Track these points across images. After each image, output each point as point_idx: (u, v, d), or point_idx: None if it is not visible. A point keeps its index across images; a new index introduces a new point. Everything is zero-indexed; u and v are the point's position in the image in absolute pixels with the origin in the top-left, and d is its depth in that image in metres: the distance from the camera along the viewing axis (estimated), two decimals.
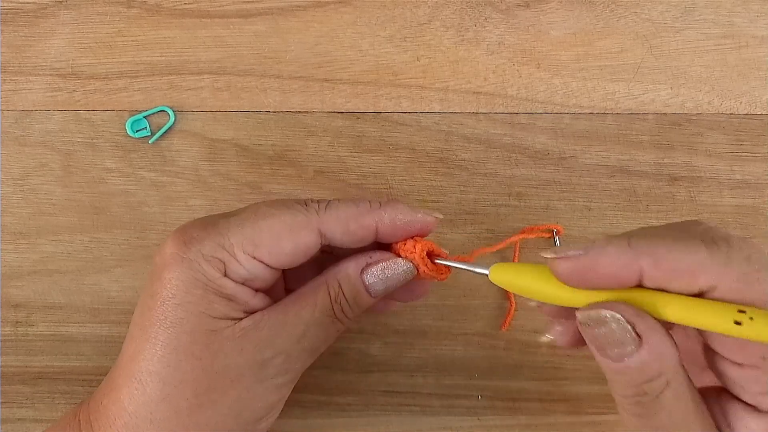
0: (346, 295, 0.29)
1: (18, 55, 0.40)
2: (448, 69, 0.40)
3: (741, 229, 0.38)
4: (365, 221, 0.29)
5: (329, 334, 0.29)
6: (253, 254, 0.27)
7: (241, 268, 0.27)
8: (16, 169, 0.39)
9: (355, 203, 0.29)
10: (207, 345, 0.26)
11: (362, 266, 0.29)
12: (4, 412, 0.37)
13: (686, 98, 0.39)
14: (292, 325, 0.28)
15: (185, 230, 0.28)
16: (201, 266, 0.27)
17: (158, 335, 0.27)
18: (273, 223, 0.28)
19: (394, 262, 0.29)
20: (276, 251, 0.27)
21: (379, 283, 0.29)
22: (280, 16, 0.40)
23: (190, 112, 0.39)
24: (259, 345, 0.27)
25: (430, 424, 0.37)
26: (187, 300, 0.27)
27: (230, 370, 0.27)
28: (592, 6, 0.40)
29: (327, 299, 0.28)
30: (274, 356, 0.27)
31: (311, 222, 0.28)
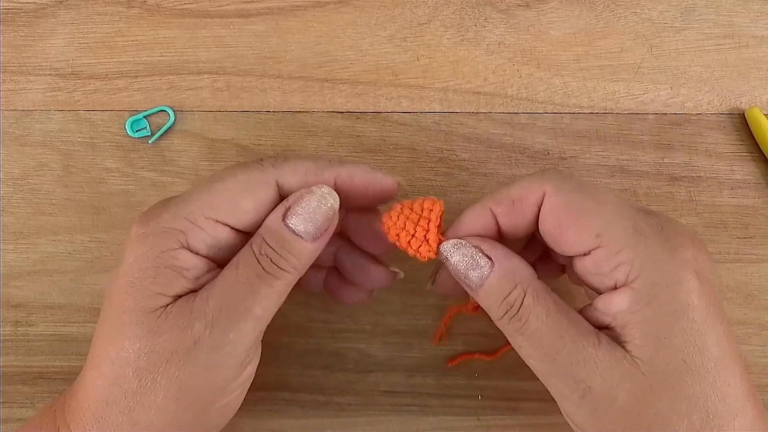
0: (271, 245, 0.27)
1: (18, 55, 0.40)
2: (448, 69, 0.40)
3: (741, 229, 0.38)
4: (323, 175, 0.28)
5: (262, 292, 0.27)
6: (214, 217, 0.27)
7: (204, 235, 0.27)
8: (16, 169, 0.39)
9: (313, 158, 0.29)
10: (146, 324, 0.26)
11: (282, 212, 0.27)
12: (4, 412, 0.37)
13: (686, 98, 0.39)
14: (215, 291, 0.26)
15: (148, 210, 0.28)
16: (157, 239, 0.26)
17: (108, 317, 0.27)
18: (229, 183, 0.27)
19: (310, 193, 0.27)
20: (236, 210, 0.27)
21: (305, 223, 0.27)
22: (280, 16, 0.40)
23: (190, 112, 0.39)
24: (186, 321, 0.26)
25: (430, 424, 0.37)
26: (135, 277, 0.26)
27: (162, 350, 0.26)
28: (592, 6, 0.40)
29: (250, 255, 0.27)
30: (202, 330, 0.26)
31: (267, 176, 0.28)
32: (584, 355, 0.25)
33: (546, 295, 0.27)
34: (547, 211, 0.26)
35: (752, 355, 0.37)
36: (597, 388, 0.25)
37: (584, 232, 0.26)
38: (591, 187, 0.27)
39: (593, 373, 0.25)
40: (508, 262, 0.27)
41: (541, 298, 0.26)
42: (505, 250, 0.28)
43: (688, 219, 0.38)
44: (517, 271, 0.27)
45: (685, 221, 0.38)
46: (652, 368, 0.24)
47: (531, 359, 0.27)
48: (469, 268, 0.27)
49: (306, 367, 0.37)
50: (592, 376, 0.25)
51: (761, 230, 0.38)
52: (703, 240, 0.27)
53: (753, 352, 0.37)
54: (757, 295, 0.38)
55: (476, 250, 0.27)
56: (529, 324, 0.26)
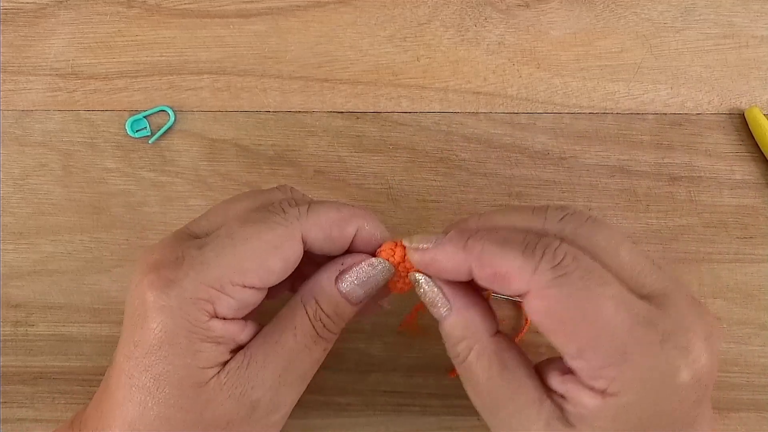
0: (326, 310, 0.27)
1: (18, 55, 0.40)
2: (448, 69, 0.40)
3: (741, 229, 0.38)
4: (347, 229, 0.28)
5: (316, 356, 0.28)
6: (242, 282, 0.26)
7: (231, 301, 0.26)
8: (16, 169, 0.39)
9: (336, 208, 0.28)
10: (195, 397, 0.25)
11: (335, 275, 0.28)
12: (4, 412, 0.37)
13: (686, 98, 0.39)
14: (275, 357, 0.26)
15: (160, 269, 0.26)
16: (185, 312, 0.25)
17: (146, 385, 0.25)
18: (255, 245, 0.26)
19: (369, 263, 0.28)
20: (265, 272, 0.26)
21: (358, 289, 0.28)
22: (280, 16, 0.40)
23: (190, 112, 0.39)
24: (246, 387, 0.26)
25: (430, 424, 0.37)
26: (172, 352, 0.25)
27: (219, 418, 0.26)
28: (592, 6, 0.40)
29: (306, 320, 0.27)
30: (262, 395, 0.26)
31: (294, 232, 0.26)
32: (517, 424, 0.25)
33: (493, 355, 0.26)
34: (532, 310, 0.25)
35: (752, 355, 0.37)
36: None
37: (567, 344, 0.24)
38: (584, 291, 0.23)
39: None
40: (465, 312, 0.27)
41: (485, 358, 0.26)
42: (466, 300, 0.27)
43: (688, 219, 0.38)
44: (471, 325, 0.27)
45: (685, 221, 0.38)
46: None
47: (475, 404, 0.27)
48: (431, 305, 0.27)
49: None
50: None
51: (761, 230, 0.38)
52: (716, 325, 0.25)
53: (753, 352, 0.37)
54: (757, 295, 0.38)
55: (439, 291, 0.27)
56: (472, 377, 0.26)
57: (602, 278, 0.24)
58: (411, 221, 0.38)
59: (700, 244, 0.38)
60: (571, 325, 0.24)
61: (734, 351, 0.37)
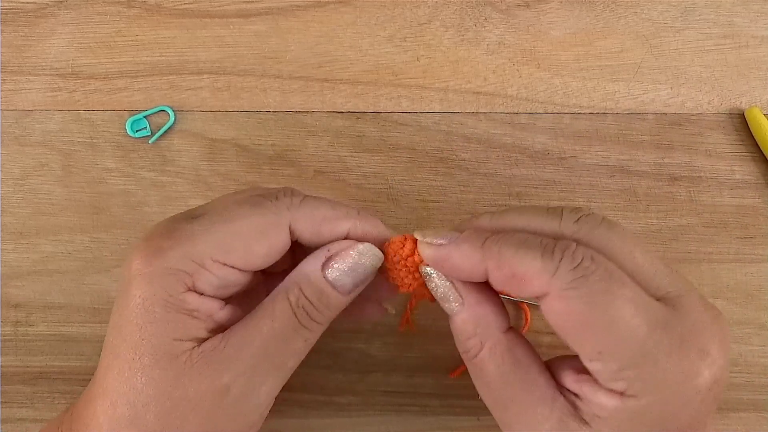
0: (309, 297, 0.26)
1: (18, 55, 0.40)
2: (448, 69, 0.40)
3: (741, 229, 0.38)
4: (339, 227, 0.27)
5: (295, 346, 0.27)
6: (224, 261, 0.26)
7: (212, 277, 0.26)
8: (16, 169, 0.39)
9: (331, 205, 0.27)
10: (166, 370, 0.25)
11: (321, 261, 0.27)
12: (4, 412, 0.37)
13: (686, 98, 0.39)
14: (250, 343, 0.26)
15: (151, 240, 0.26)
16: (164, 281, 0.25)
17: (125, 354, 0.25)
18: (243, 226, 0.26)
19: (357, 249, 0.27)
20: (248, 255, 0.26)
21: (345, 278, 0.27)
22: (280, 16, 0.40)
23: (190, 112, 0.39)
24: (217, 369, 0.25)
25: (430, 424, 0.37)
26: (148, 320, 0.25)
27: (189, 396, 0.25)
28: (592, 6, 0.40)
29: (287, 307, 0.26)
30: (234, 380, 0.25)
31: (282, 221, 0.26)
32: (529, 420, 0.25)
33: (505, 351, 0.26)
34: (550, 311, 0.24)
35: (752, 355, 0.37)
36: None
37: (586, 347, 0.24)
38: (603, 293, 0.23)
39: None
40: (477, 308, 0.26)
41: (497, 355, 0.26)
42: (478, 296, 0.27)
43: (688, 219, 0.38)
44: (483, 320, 0.26)
45: (685, 221, 0.38)
46: None
47: (484, 400, 0.27)
48: (442, 299, 0.27)
49: (306, 367, 0.37)
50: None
51: (761, 230, 0.38)
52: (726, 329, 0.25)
53: (753, 352, 0.37)
54: (757, 295, 0.38)
55: (451, 286, 0.27)
56: (483, 373, 0.26)
57: (621, 280, 0.24)
58: (411, 221, 0.38)
59: (700, 244, 0.38)
60: (590, 327, 0.23)
61: (734, 351, 0.37)
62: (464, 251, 0.25)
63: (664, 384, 0.23)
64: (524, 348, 0.27)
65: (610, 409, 0.24)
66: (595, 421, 0.24)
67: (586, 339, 0.24)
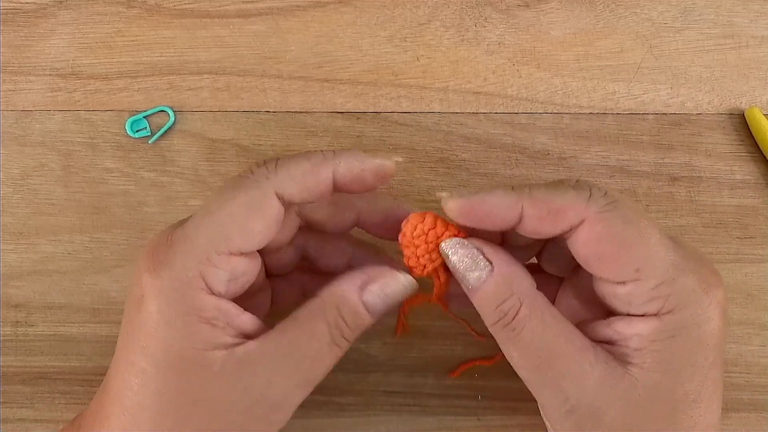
0: (346, 319, 0.27)
1: (18, 55, 0.40)
2: (448, 69, 0.40)
3: (741, 229, 0.38)
4: (321, 174, 0.27)
5: (328, 363, 0.27)
6: (227, 250, 0.25)
7: (221, 273, 0.26)
8: (16, 169, 0.39)
9: (306, 157, 0.27)
10: (197, 379, 0.25)
11: (359, 285, 0.27)
12: (4, 412, 0.37)
13: (686, 98, 0.39)
14: (287, 360, 0.26)
15: (153, 253, 0.26)
16: (180, 292, 0.25)
17: (145, 370, 0.25)
18: (231, 209, 0.26)
19: (394, 277, 0.28)
20: (247, 235, 0.26)
21: (380, 303, 0.27)
22: (280, 16, 0.40)
23: (190, 112, 0.39)
24: (252, 383, 0.26)
25: (430, 424, 0.37)
26: (170, 335, 0.25)
27: (219, 405, 0.25)
28: (592, 6, 0.40)
29: (324, 327, 0.27)
30: (270, 393, 0.26)
31: (266, 190, 0.26)
32: (577, 371, 0.25)
33: (544, 308, 0.26)
34: (588, 239, 0.25)
35: (752, 355, 0.37)
36: (586, 404, 0.25)
37: (625, 266, 0.25)
38: (634, 215, 0.25)
39: (584, 389, 0.25)
40: (509, 269, 0.26)
41: (537, 311, 0.26)
42: (507, 256, 0.27)
43: (688, 219, 0.38)
44: (517, 279, 0.26)
45: (685, 221, 0.38)
46: (653, 394, 0.25)
47: (521, 369, 0.27)
48: (468, 269, 0.27)
49: None
50: (583, 392, 0.25)
51: (761, 230, 0.38)
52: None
53: (753, 352, 0.37)
54: (757, 295, 0.38)
55: (477, 251, 0.27)
56: (522, 335, 0.26)
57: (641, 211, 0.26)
58: None
59: (700, 244, 0.38)
60: (629, 245, 0.25)
61: (734, 351, 0.37)
62: (499, 195, 0.26)
63: (695, 296, 0.25)
64: (551, 305, 0.27)
65: (649, 335, 0.25)
66: (637, 355, 0.25)
67: (625, 258, 0.25)
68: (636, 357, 0.25)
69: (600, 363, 0.25)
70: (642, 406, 0.25)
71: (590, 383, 0.25)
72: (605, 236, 0.25)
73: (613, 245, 0.25)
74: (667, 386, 0.25)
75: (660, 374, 0.25)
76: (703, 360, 0.25)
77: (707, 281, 0.25)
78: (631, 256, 0.25)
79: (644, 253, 0.25)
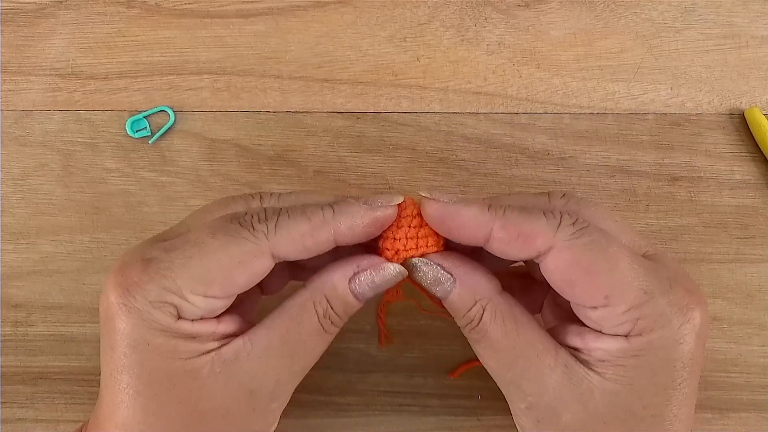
0: (336, 309, 0.27)
1: (18, 55, 0.40)
2: (448, 69, 0.40)
3: (741, 229, 0.38)
4: (321, 236, 0.26)
5: (318, 350, 0.28)
6: (205, 293, 0.25)
7: (194, 308, 0.25)
8: (16, 169, 0.39)
9: (306, 216, 0.26)
10: (188, 387, 0.25)
11: (349, 276, 0.27)
12: (4, 412, 0.37)
13: (686, 98, 0.39)
14: (278, 350, 0.26)
15: (123, 272, 0.25)
16: (151, 315, 0.25)
17: (133, 385, 0.25)
18: (221, 258, 0.25)
19: (384, 267, 0.28)
20: (228, 285, 0.26)
21: (368, 290, 0.28)
22: (280, 16, 0.40)
23: (190, 112, 0.39)
24: (245, 377, 0.26)
25: (430, 424, 0.37)
26: (149, 350, 0.25)
27: (217, 408, 0.26)
28: (592, 6, 0.40)
29: (314, 317, 0.27)
30: (263, 385, 0.26)
31: (262, 249, 0.26)
32: (535, 373, 0.26)
33: (506, 312, 0.27)
34: (556, 266, 0.26)
35: (752, 355, 0.37)
36: (544, 404, 0.26)
37: (593, 293, 0.26)
38: (603, 242, 0.26)
39: (543, 390, 0.26)
40: (470, 278, 0.28)
41: (499, 316, 0.27)
42: (467, 266, 0.28)
43: (688, 219, 0.38)
44: (478, 287, 0.27)
45: (685, 221, 0.38)
46: (610, 402, 0.26)
47: (488, 368, 0.28)
48: (433, 285, 0.28)
49: None
50: (541, 392, 0.26)
51: (761, 230, 0.38)
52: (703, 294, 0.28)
53: (753, 352, 0.37)
54: (757, 295, 0.38)
55: (439, 267, 0.28)
56: (487, 337, 0.27)
57: (612, 236, 0.26)
58: None
59: (700, 244, 0.38)
60: (596, 272, 0.25)
61: (734, 351, 0.37)
62: (473, 210, 0.26)
63: (665, 319, 0.25)
64: (520, 307, 0.28)
65: (614, 351, 0.26)
66: (600, 365, 0.26)
67: (593, 285, 0.25)
68: (598, 366, 0.26)
69: (560, 366, 0.26)
70: (598, 412, 0.26)
71: (549, 385, 0.26)
72: (572, 264, 0.26)
73: (580, 273, 0.26)
74: (625, 398, 0.26)
75: (619, 386, 0.26)
76: (669, 380, 0.26)
77: (681, 303, 0.26)
78: (599, 284, 0.25)
79: (612, 280, 0.25)
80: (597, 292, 0.25)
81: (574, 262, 0.25)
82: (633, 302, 0.25)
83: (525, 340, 0.27)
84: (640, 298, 0.25)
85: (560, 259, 0.26)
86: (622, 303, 0.25)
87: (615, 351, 0.26)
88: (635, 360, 0.26)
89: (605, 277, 0.25)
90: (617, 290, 0.25)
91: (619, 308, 0.25)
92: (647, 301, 0.25)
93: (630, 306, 0.25)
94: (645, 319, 0.25)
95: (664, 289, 0.26)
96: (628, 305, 0.25)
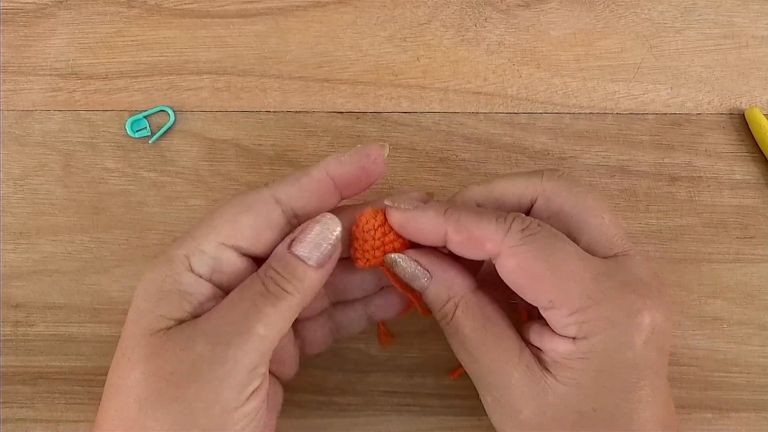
0: (276, 268, 0.27)
1: (18, 55, 0.40)
2: (448, 69, 0.40)
3: (741, 229, 0.38)
4: (313, 174, 0.28)
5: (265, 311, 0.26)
6: (216, 238, 0.27)
7: (206, 256, 0.27)
8: (16, 169, 0.39)
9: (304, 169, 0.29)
10: (146, 348, 0.26)
11: (288, 242, 0.28)
12: (4, 412, 0.37)
13: (686, 98, 0.39)
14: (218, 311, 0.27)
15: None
16: (162, 266, 0.27)
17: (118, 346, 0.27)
18: (228, 208, 0.28)
19: (314, 220, 0.28)
20: (236, 228, 0.27)
21: (312, 250, 0.27)
22: (280, 16, 0.40)
23: (190, 112, 0.39)
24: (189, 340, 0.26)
25: (430, 424, 0.37)
26: (139, 303, 0.27)
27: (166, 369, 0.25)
28: (592, 6, 0.40)
29: (255, 278, 0.27)
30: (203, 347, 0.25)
31: (264, 194, 0.28)
32: (499, 368, 0.28)
33: (477, 309, 0.29)
34: (506, 269, 0.27)
35: (752, 355, 0.37)
36: (505, 400, 0.28)
37: (538, 297, 0.27)
38: (549, 249, 0.27)
39: (505, 387, 0.28)
40: (444, 275, 0.29)
41: (469, 312, 0.29)
42: (444, 264, 0.29)
43: (688, 219, 0.38)
44: (452, 284, 0.29)
45: (685, 221, 0.38)
46: (563, 403, 0.27)
47: (461, 360, 0.30)
48: (411, 279, 0.29)
49: (306, 367, 0.37)
50: (503, 388, 0.28)
51: (761, 230, 0.38)
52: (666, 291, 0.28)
53: (753, 352, 0.37)
54: (757, 295, 0.38)
55: (416, 264, 0.29)
56: (458, 333, 0.29)
57: (564, 239, 0.27)
58: None
59: (700, 244, 0.38)
60: (540, 278, 0.27)
61: (734, 351, 0.37)
62: (429, 216, 0.28)
63: (609, 323, 0.26)
64: (493, 306, 0.29)
65: (564, 354, 0.27)
66: (554, 366, 0.27)
67: (537, 290, 0.27)
68: (552, 367, 0.27)
69: (522, 365, 0.28)
70: (553, 411, 0.27)
71: (511, 381, 0.27)
72: (517, 269, 0.27)
73: (525, 278, 0.27)
74: (574, 400, 0.27)
75: (569, 388, 0.27)
76: (618, 383, 0.26)
77: (629, 308, 0.26)
78: (543, 289, 0.27)
79: (555, 286, 0.26)
80: (541, 296, 0.27)
81: (519, 268, 0.27)
82: (576, 306, 0.26)
83: (492, 336, 0.28)
84: (584, 303, 0.26)
85: (508, 263, 0.27)
86: (565, 307, 0.26)
87: (563, 353, 0.27)
88: (581, 362, 0.27)
89: (548, 282, 0.27)
90: (561, 295, 0.26)
91: (562, 311, 0.27)
92: (591, 306, 0.26)
93: (573, 310, 0.26)
94: (589, 323, 0.26)
95: (612, 294, 0.26)
96: (571, 309, 0.26)
